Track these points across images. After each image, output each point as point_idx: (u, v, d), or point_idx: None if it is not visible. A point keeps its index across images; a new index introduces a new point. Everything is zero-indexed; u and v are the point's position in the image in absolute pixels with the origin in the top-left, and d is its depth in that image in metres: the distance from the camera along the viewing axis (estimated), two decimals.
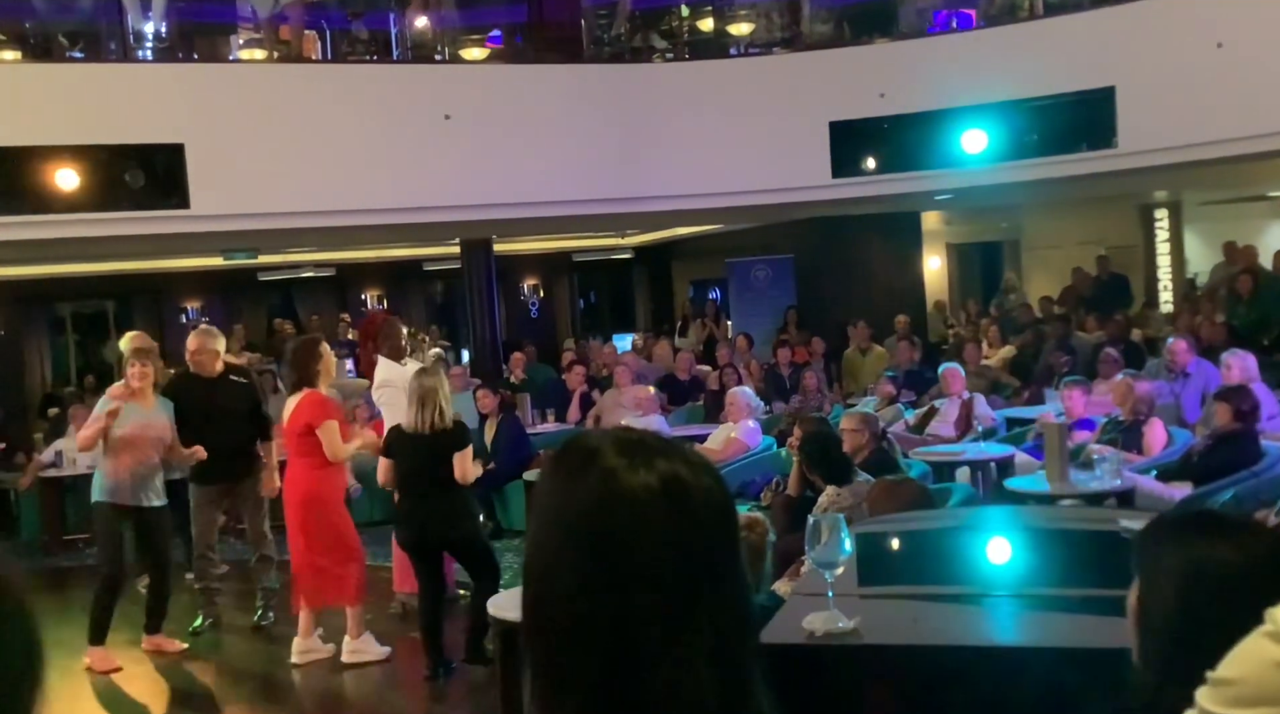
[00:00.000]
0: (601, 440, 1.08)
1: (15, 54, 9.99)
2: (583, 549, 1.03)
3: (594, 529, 1.03)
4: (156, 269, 15.06)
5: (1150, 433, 6.99)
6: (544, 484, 1.09)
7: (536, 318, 18.43)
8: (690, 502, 1.04)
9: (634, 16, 11.95)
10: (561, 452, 1.11)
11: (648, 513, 1.02)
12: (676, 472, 1.05)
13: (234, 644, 6.92)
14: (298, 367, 6.20)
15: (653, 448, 1.07)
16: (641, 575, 1.01)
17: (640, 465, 1.04)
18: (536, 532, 1.07)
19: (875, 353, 11.93)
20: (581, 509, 1.04)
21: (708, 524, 1.05)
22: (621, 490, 1.03)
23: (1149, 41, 9.65)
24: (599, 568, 1.02)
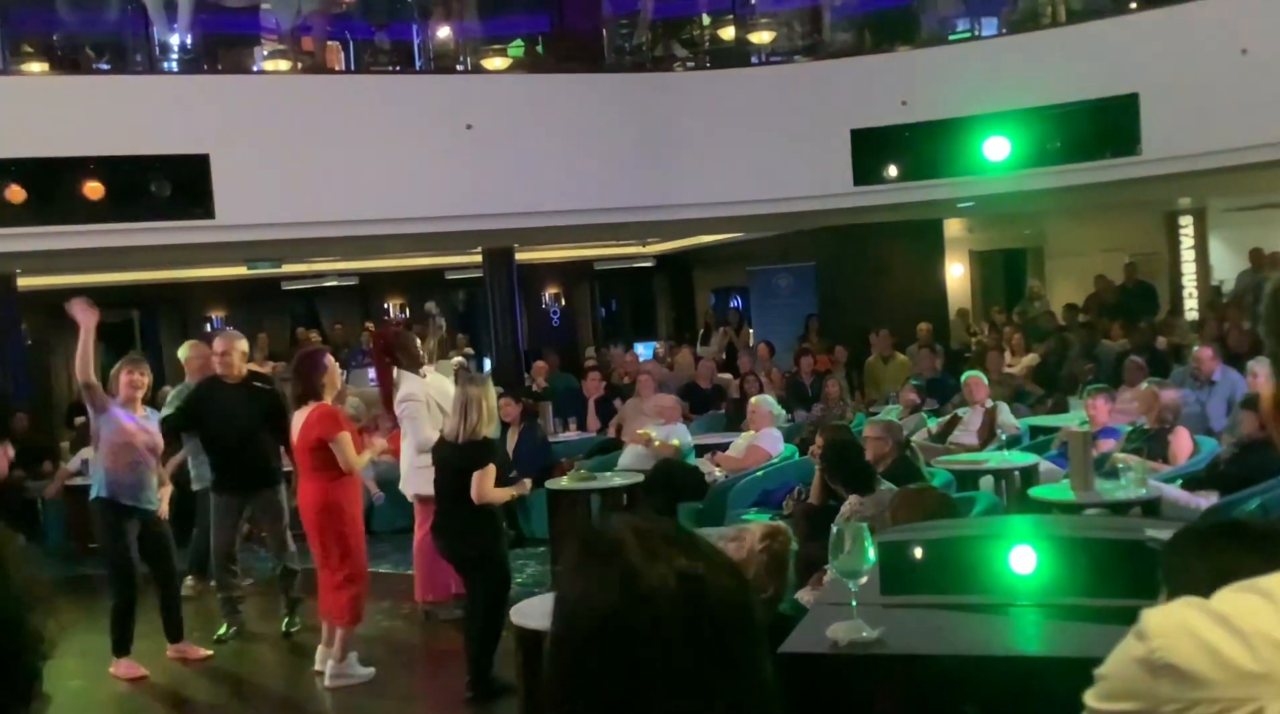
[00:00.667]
0: (625, 535, 1.12)
1: (43, 66, 10.09)
2: (603, 645, 1.07)
3: (614, 626, 1.07)
4: (181, 279, 15.17)
5: (1176, 441, 6.94)
6: (569, 569, 1.13)
7: (558, 326, 18.45)
8: (706, 601, 1.07)
9: (655, 25, 11.97)
10: (586, 541, 1.15)
11: (664, 611, 1.06)
12: (695, 571, 1.08)
13: (259, 653, 6.95)
14: (303, 379, 6.12)
15: (674, 544, 1.10)
16: (659, 671, 1.05)
17: (661, 563, 1.08)
18: (560, 621, 1.12)
19: (897, 361, 11.90)
20: (603, 606, 1.08)
21: (724, 621, 1.08)
22: (641, 590, 1.07)
23: (1173, 47, 9.59)
24: (618, 663, 1.06)
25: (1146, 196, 13.18)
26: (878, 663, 2.81)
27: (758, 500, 7.42)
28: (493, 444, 5.75)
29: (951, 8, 11.21)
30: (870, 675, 2.85)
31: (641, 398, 10.37)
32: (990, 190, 10.91)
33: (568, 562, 1.14)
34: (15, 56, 10.07)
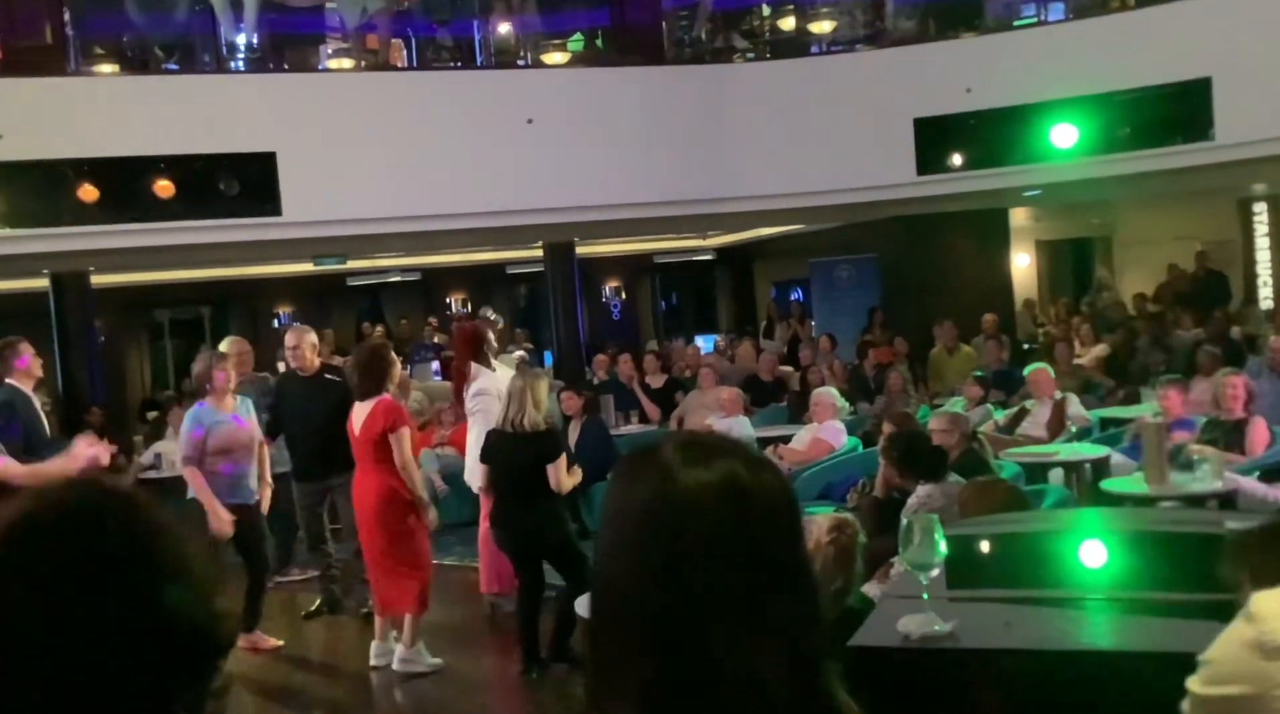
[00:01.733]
0: (662, 441, 1.10)
1: (113, 67, 10.31)
2: (642, 546, 1.04)
3: (652, 526, 1.04)
4: (249, 275, 15.42)
5: (1253, 432, 6.77)
6: (609, 488, 1.11)
7: (619, 320, 18.47)
8: (748, 499, 1.05)
9: (715, 17, 11.93)
10: (625, 457, 1.13)
11: (705, 509, 1.03)
12: (734, 469, 1.06)
13: (329, 642, 7.05)
14: (369, 374, 6.17)
15: (711, 447, 1.08)
16: (701, 571, 1.02)
17: (698, 463, 1.05)
18: (602, 535, 1.09)
19: (962, 352, 11.74)
20: (640, 507, 1.05)
21: (767, 520, 1.05)
22: (678, 487, 1.04)
23: (1246, 30, 9.36)
24: (658, 564, 1.03)
25: (1219, 183, 12.87)
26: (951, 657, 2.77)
27: (821, 493, 7.37)
28: (557, 434, 5.80)
29: None
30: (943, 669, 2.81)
31: (703, 391, 10.35)
32: (1058, 178, 10.72)
33: (611, 478, 1.13)
34: (87, 58, 10.29)
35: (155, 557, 1.00)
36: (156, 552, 1.00)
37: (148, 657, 0.96)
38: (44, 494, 1.03)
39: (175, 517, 1.06)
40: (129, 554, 0.99)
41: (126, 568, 0.98)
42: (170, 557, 1.01)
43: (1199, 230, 14.74)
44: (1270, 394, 8.20)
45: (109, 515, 1.00)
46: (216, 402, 6.37)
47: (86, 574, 0.96)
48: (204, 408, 6.38)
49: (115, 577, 0.97)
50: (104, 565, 0.97)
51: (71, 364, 10.83)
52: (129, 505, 1.03)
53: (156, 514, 1.03)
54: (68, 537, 0.98)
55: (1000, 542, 4.25)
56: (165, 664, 0.97)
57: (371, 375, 6.16)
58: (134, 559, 0.99)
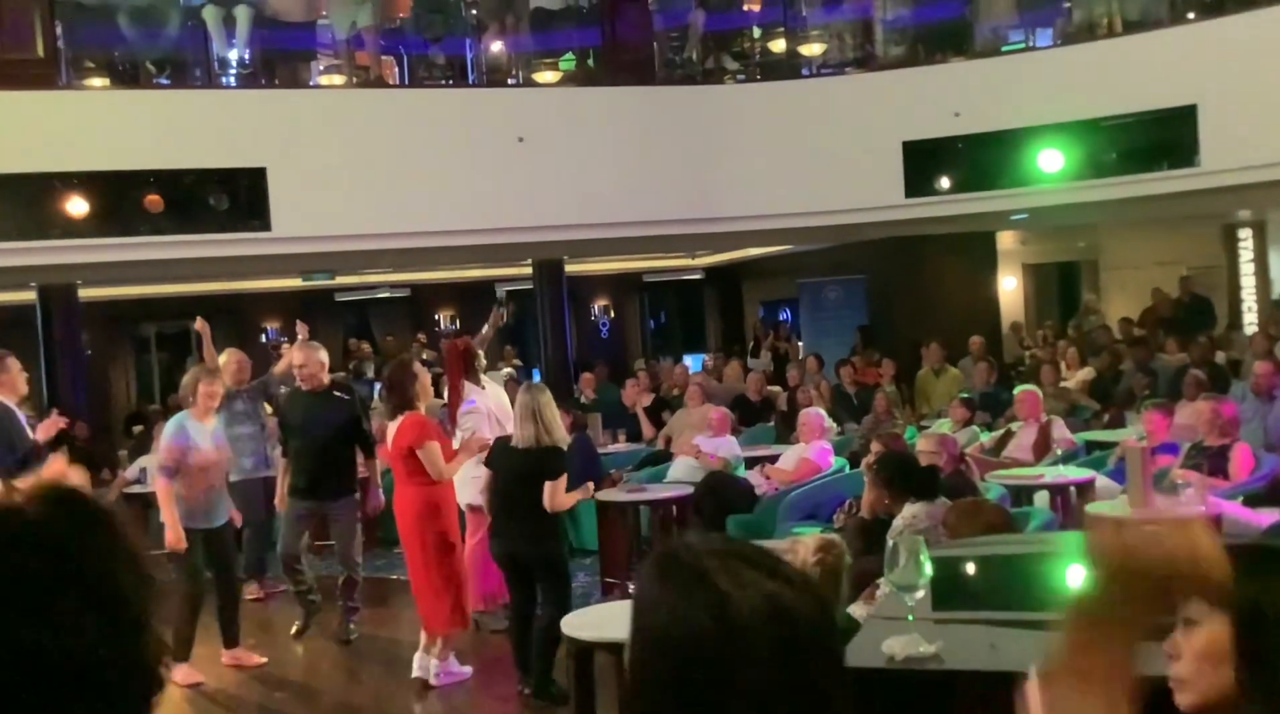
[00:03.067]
0: (707, 560, 1.09)
1: (104, 81, 10.30)
2: (690, 673, 1.05)
3: (703, 655, 1.05)
4: (237, 290, 15.40)
5: (1236, 457, 6.81)
6: (649, 597, 1.10)
7: (607, 338, 18.49)
8: (795, 626, 1.06)
9: (706, 38, 11.98)
10: (667, 564, 1.11)
11: (755, 639, 1.05)
12: (782, 595, 1.07)
13: (314, 660, 7.02)
14: (397, 389, 6.20)
15: (758, 567, 1.09)
16: (747, 698, 1.04)
17: (750, 588, 1.06)
18: (643, 648, 1.09)
19: (949, 374, 11.78)
20: (692, 634, 1.05)
21: (812, 647, 1.07)
22: (731, 616, 1.05)
23: (1232, 58, 9.45)
24: (706, 691, 1.04)
25: (1205, 209, 12.99)
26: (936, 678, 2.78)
27: (808, 513, 7.38)
28: (564, 451, 5.81)
29: (1005, 19, 11.12)
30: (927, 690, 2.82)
31: (690, 410, 10.37)
32: (1044, 202, 10.80)
33: (647, 589, 1.11)
34: (78, 72, 10.28)
35: (78, 581, 0.94)
36: (80, 575, 0.94)
37: (55, 691, 0.90)
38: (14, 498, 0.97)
39: (117, 537, 0.99)
40: (41, 576, 0.93)
41: (35, 591, 0.92)
42: (98, 583, 0.94)
43: (1184, 255, 14.86)
44: (1255, 419, 8.25)
45: (25, 534, 0.94)
46: (200, 417, 6.36)
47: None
48: (189, 420, 6.37)
49: (21, 598, 0.91)
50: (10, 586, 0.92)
51: (57, 377, 10.79)
52: (53, 524, 0.96)
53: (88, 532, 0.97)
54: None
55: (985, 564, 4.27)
56: (81, 701, 0.91)
57: (399, 391, 6.18)
58: (48, 582, 0.92)
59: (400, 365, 6.54)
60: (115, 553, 0.97)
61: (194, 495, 6.30)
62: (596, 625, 4.75)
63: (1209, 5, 10.10)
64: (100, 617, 0.93)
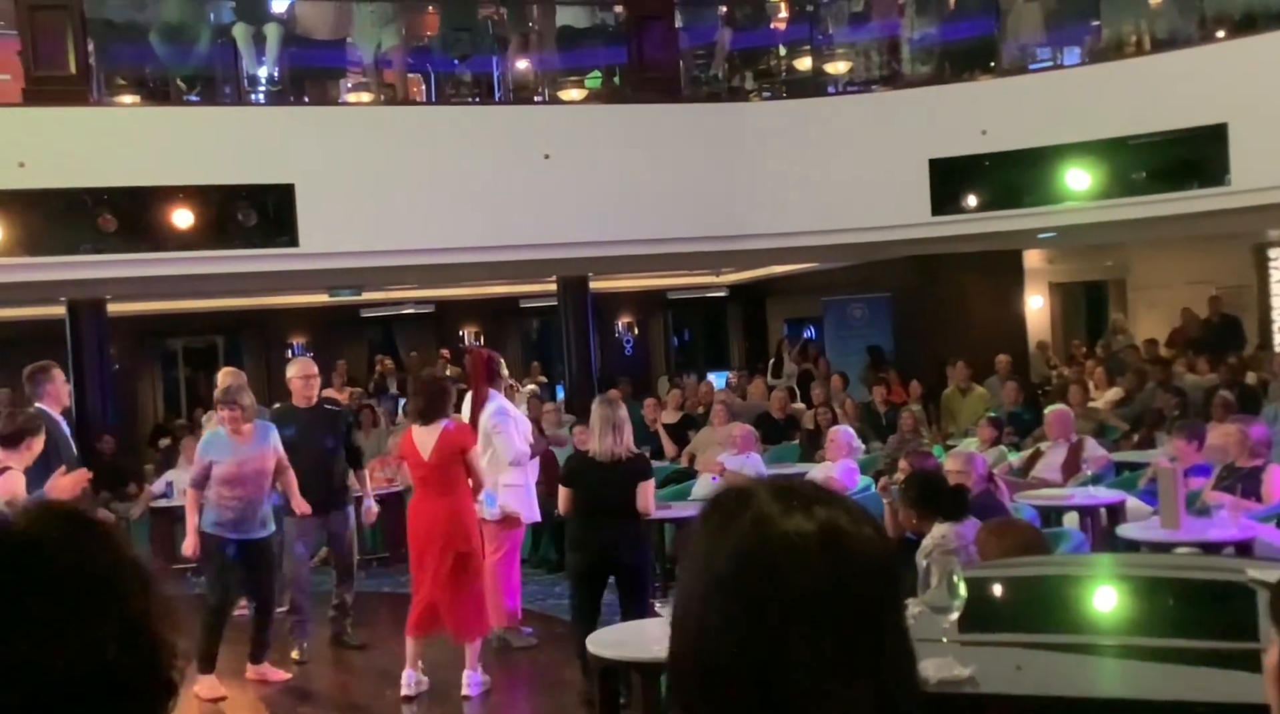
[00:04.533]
0: (756, 487, 1.06)
1: (135, 98, 10.40)
2: (736, 595, 1.00)
3: (748, 574, 1.00)
4: (263, 306, 15.49)
5: (1269, 479, 6.73)
6: (695, 533, 1.07)
7: (631, 355, 18.48)
8: (848, 551, 1.01)
9: (732, 56, 12.00)
10: (713, 500, 1.08)
11: (804, 559, 1.00)
12: (836, 520, 1.02)
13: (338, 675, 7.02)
14: (440, 397, 6.23)
15: (810, 495, 1.04)
16: (797, 622, 0.98)
17: (797, 511, 1.02)
18: (687, 578, 1.05)
19: (976, 393, 11.71)
20: (734, 554, 1.01)
21: (867, 574, 1.02)
22: (776, 536, 1.01)
23: (1263, 77, 9.38)
24: (753, 614, 0.99)
25: (1235, 228, 12.88)
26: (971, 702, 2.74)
27: None
28: (647, 457, 6.12)
29: (1033, 37, 11.08)
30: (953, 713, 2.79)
31: (715, 427, 10.34)
32: (1072, 221, 10.73)
33: (696, 527, 1.07)
34: (109, 89, 10.39)
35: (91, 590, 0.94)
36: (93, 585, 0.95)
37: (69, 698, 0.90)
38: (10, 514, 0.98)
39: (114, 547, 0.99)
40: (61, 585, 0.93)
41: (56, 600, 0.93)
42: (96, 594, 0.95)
43: (1214, 275, 14.73)
44: None
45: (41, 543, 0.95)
46: (232, 431, 6.37)
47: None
48: (219, 436, 6.39)
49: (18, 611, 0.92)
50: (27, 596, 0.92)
51: (85, 391, 10.86)
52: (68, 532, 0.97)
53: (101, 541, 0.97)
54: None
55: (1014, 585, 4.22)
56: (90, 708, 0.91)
57: (442, 399, 6.25)
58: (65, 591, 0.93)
59: (434, 377, 6.63)
60: (113, 563, 0.97)
61: (221, 505, 6.32)
62: (621, 644, 4.72)
63: (1239, 24, 10.03)
64: (101, 626, 0.93)
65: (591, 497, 5.79)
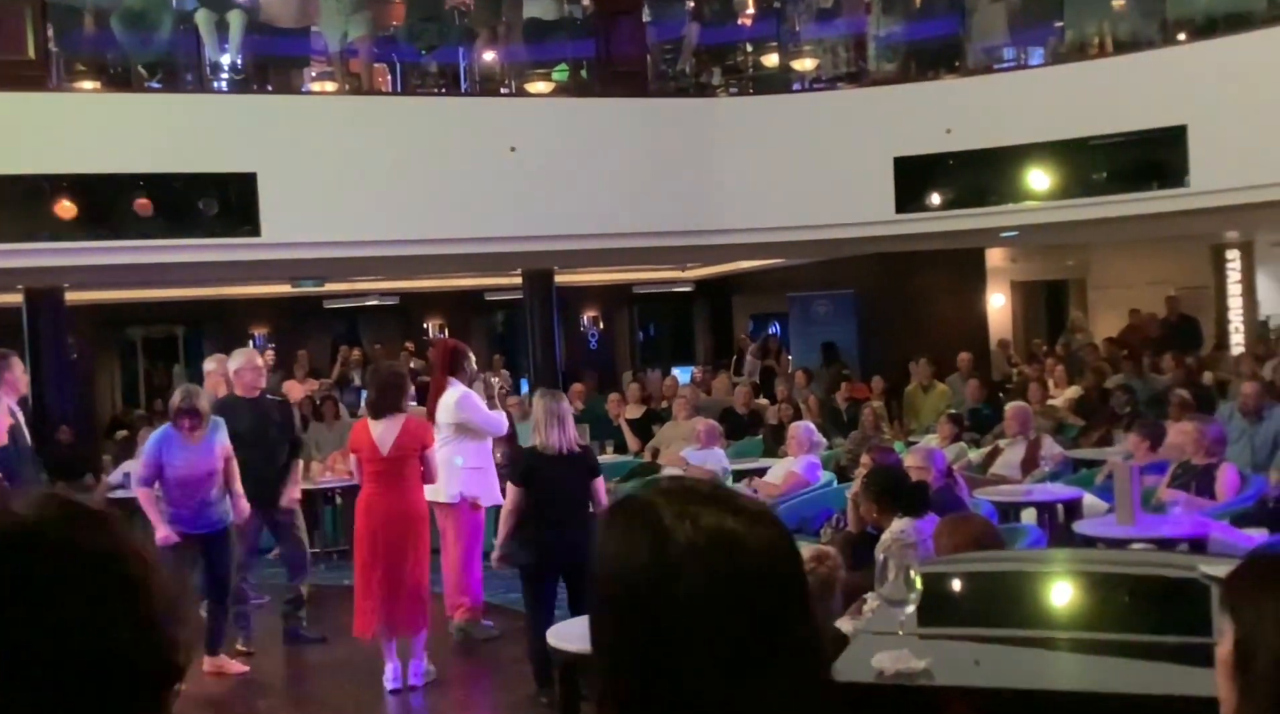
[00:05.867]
0: (656, 495, 1.07)
1: (96, 84, 10.27)
2: (634, 603, 1.03)
3: (644, 584, 1.02)
4: (225, 296, 15.35)
5: (1222, 477, 6.83)
6: (599, 540, 1.09)
7: (596, 349, 18.48)
8: (741, 555, 1.03)
9: (699, 52, 12.01)
10: (613, 509, 1.11)
11: (696, 566, 1.01)
12: (724, 524, 1.04)
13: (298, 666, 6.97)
14: (396, 391, 6.19)
15: (702, 499, 1.06)
16: (692, 629, 1.01)
17: (690, 518, 1.03)
18: (594, 587, 1.08)
19: (937, 390, 11.80)
20: (633, 567, 1.03)
21: (761, 577, 1.03)
22: (670, 544, 1.02)
23: (1222, 80, 9.50)
24: (650, 621, 1.01)
25: (1193, 229, 13.05)
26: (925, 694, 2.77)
27: (795, 527, 7.37)
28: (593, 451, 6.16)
29: (997, 37, 11.17)
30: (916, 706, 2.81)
31: (678, 422, 10.35)
32: (1034, 220, 10.83)
33: (600, 536, 1.10)
34: (69, 75, 10.25)
35: (98, 576, 0.96)
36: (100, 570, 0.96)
37: (79, 683, 0.91)
38: (11, 503, 0.99)
39: (134, 534, 1.02)
40: (68, 572, 0.94)
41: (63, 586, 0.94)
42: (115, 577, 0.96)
43: (1172, 275, 14.92)
44: (1243, 439, 8.27)
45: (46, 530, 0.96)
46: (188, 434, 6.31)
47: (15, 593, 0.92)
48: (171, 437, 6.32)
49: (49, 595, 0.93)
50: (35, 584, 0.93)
51: (43, 381, 10.72)
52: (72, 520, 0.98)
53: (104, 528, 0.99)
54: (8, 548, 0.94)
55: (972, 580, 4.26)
56: (100, 693, 0.92)
57: (398, 392, 6.21)
58: (72, 578, 0.94)
59: (394, 370, 6.60)
60: (117, 550, 0.99)
61: (175, 504, 6.28)
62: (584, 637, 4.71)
63: (1200, 27, 10.16)
64: (109, 614, 0.94)
65: (548, 493, 5.76)
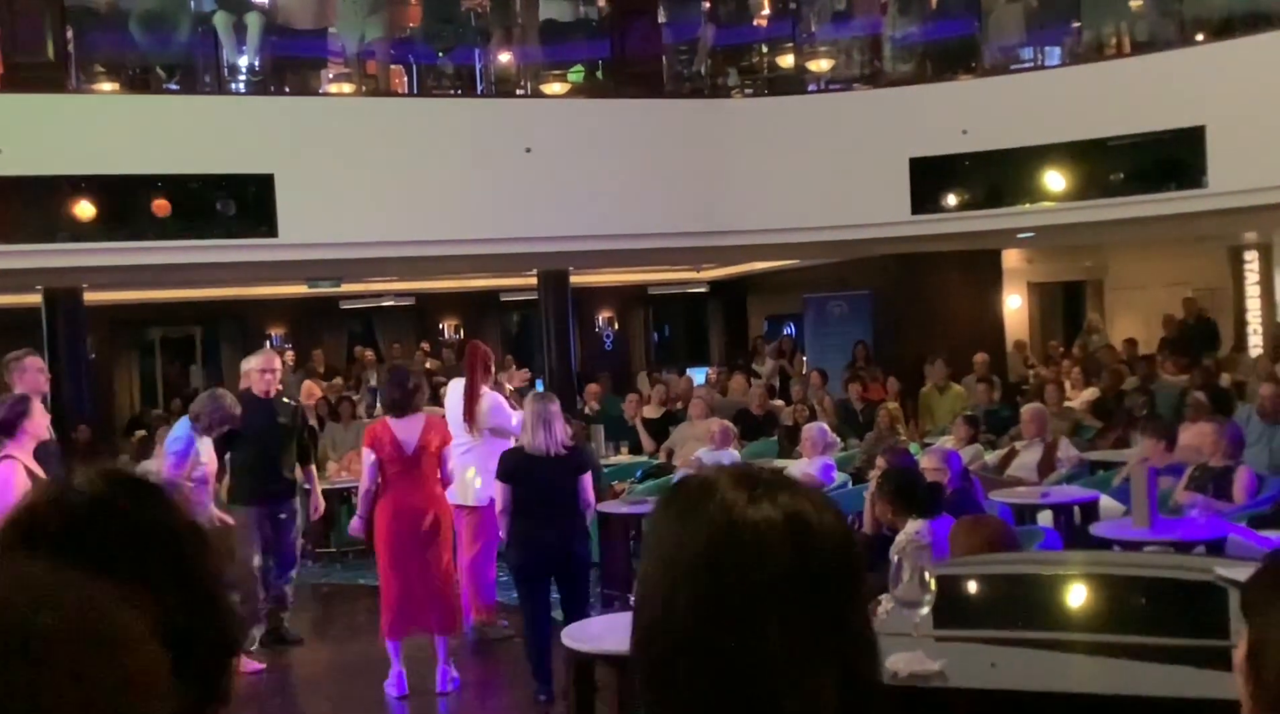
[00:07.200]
0: (718, 475, 1.06)
1: (115, 85, 10.33)
2: (704, 584, 1.00)
3: (716, 563, 1.00)
4: (242, 296, 15.40)
5: (1239, 480, 6.79)
6: (657, 521, 1.07)
7: (611, 350, 18.48)
8: (814, 537, 1.02)
9: (714, 53, 12.01)
10: (675, 489, 1.08)
11: (772, 546, 1.00)
12: (799, 507, 1.03)
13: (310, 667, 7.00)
14: (415, 390, 6.24)
15: (772, 483, 1.05)
16: (766, 610, 0.99)
17: (762, 499, 1.02)
18: (650, 568, 1.05)
19: (953, 391, 11.76)
20: (701, 543, 1.01)
21: (831, 560, 1.02)
22: (744, 523, 1.01)
23: (1241, 80, 9.45)
24: (721, 603, 0.99)
25: (1211, 231, 12.98)
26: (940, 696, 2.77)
27: None
28: (588, 447, 6.10)
29: (1014, 37, 11.13)
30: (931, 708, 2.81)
31: (693, 422, 10.35)
32: (1051, 222, 10.79)
33: (657, 509, 1.07)
34: (88, 76, 10.32)
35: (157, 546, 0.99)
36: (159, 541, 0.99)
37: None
38: (57, 482, 1.02)
39: (192, 507, 1.06)
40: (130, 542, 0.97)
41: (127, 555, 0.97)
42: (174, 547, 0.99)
43: (1190, 277, 14.84)
44: (1260, 441, 8.22)
45: (126, 506, 0.99)
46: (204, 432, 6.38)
47: (91, 560, 0.94)
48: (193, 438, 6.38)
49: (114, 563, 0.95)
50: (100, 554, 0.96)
51: (61, 381, 10.75)
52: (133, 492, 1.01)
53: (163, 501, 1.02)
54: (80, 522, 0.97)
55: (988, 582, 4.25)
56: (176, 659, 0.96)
57: (418, 392, 6.28)
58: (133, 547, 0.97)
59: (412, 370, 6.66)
60: (179, 525, 1.02)
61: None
62: (596, 638, 4.73)
63: (1218, 27, 10.11)
64: (174, 586, 0.96)
65: (535, 494, 5.76)
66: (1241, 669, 1.41)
